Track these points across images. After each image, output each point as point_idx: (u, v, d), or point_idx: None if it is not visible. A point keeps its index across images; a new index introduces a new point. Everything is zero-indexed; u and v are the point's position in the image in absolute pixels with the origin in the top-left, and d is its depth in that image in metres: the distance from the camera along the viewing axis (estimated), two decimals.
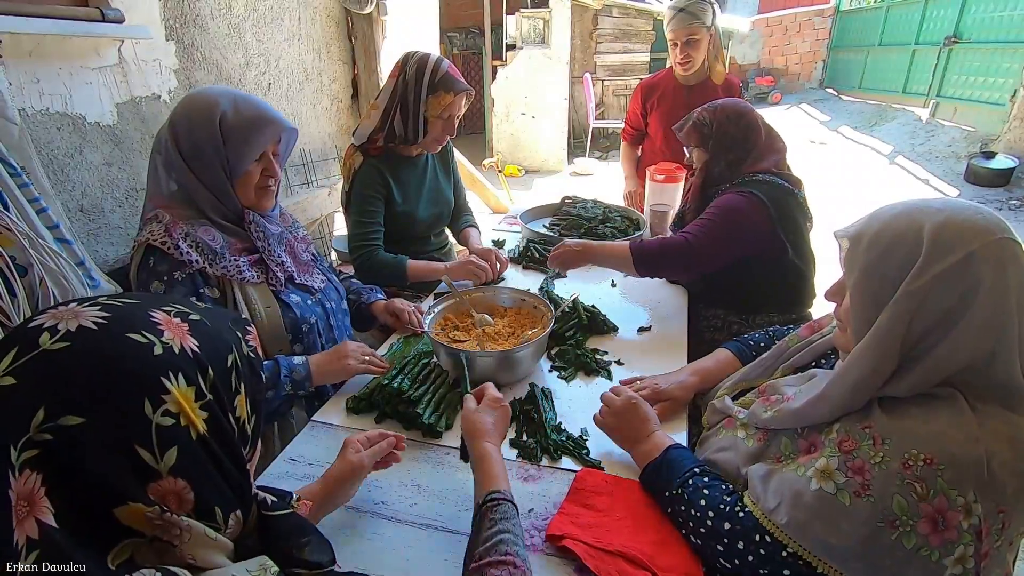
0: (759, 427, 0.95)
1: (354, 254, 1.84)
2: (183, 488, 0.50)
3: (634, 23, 8.32)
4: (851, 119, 8.93)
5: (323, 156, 3.25)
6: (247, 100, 1.24)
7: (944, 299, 0.74)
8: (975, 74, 7.03)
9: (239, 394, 0.58)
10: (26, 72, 1.65)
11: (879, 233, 0.80)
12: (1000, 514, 0.70)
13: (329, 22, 3.18)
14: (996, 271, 0.73)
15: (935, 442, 0.72)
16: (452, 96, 1.75)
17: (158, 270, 1.18)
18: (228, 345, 0.58)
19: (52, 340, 0.49)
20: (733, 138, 1.62)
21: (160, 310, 0.56)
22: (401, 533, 0.96)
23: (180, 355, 0.52)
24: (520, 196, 5.91)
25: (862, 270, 0.80)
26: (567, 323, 1.54)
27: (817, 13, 10.52)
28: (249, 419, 0.60)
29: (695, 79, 2.49)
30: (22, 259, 1.22)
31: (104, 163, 1.92)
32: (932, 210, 0.77)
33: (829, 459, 0.79)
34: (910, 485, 0.71)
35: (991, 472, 0.70)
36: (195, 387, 0.52)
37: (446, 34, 9.12)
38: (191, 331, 0.55)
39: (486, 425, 0.94)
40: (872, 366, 0.78)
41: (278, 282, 1.32)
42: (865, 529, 0.72)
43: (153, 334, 0.52)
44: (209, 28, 2.32)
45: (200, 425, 0.52)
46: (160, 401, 0.50)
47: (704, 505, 0.88)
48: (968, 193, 5.78)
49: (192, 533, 0.50)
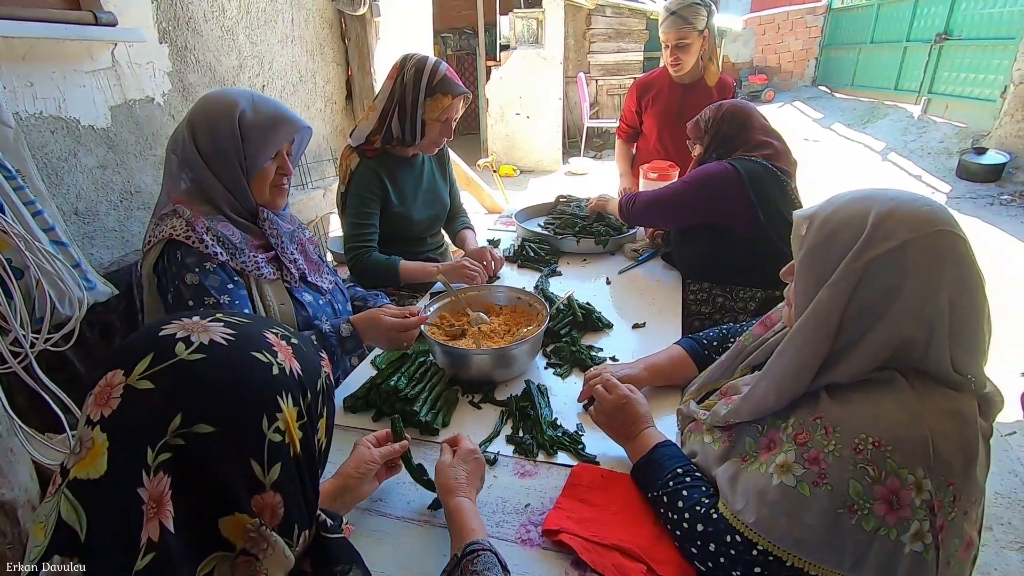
0: (720, 426, 0.96)
1: (348, 255, 1.84)
2: (278, 503, 0.53)
3: (627, 22, 8.34)
4: (844, 116, 8.97)
5: (318, 158, 3.26)
6: (265, 100, 1.27)
7: (878, 282, 0.76)
8: (966, 71, 7.08)
9: (323, 417, 0.60)
10: (20, 76, 1.65)
11: (830, 216, 0.82)
12: (950, 487, 0.73)
13: (322, 24, 3.18)
14: (930, 262, 0.74)
15: (882, 425, 0.75)
16: (450, 99, 1.75)
17: (187, 262, 1.19)
18: (319, 369, 0.62)
19: (188, 351, 0.52)
20: (726, 134, 1.75)
21: (271, 331, 0.59)
22: (398, 529, 0.96)
23: (290, 376, 0.56)
24: (515, 196, 5.92)
25: (808, 249, 0.83)
26: (562, 320, 1.55)
27: (809, 11, 10.57)
28: (326, 441, 0.62)
29: (689, 78, 2.50)
30: (18, 261, 1.22)
31: (98, 166, 1.92)
32: (884, 198, 0.80)
33: (787, 453, 0.80)
34: (863, 469, 0.74)
35: (936, 449, 0.72)
36: (299, 407, 0.56)
37: (440, 35, 9.12)
38: (295, 354, 0.59)
39: (460, 480, 0.92)
40: (810, 341, 0.81)
41: (292, 279, 1.33)
42: (827, 517, 0.74)
43: (271, 354, 0.56)
44: (202, 31, 2.32)
45: (298, 444, 0.55)
46: (274, 418, 0.53)
47: (681, 507, 0.89)
48: (960, 189, 5.83)
49: (275, 549, 0.52)
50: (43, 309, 1.25)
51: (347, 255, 1.85)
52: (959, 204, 5.51)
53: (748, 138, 1.74)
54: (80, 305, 1.32)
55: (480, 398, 1.30)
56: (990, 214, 5.25)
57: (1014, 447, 2.44)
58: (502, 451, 1.14)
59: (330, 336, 1.26)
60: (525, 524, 0.96)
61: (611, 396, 1.10)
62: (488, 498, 1.02)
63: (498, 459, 1.11)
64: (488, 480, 1.06)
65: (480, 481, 0.97)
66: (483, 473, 0.98)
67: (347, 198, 1.85)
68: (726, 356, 1.10)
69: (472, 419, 1.24)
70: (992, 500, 2.17)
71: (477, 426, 1.21)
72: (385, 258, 1.83)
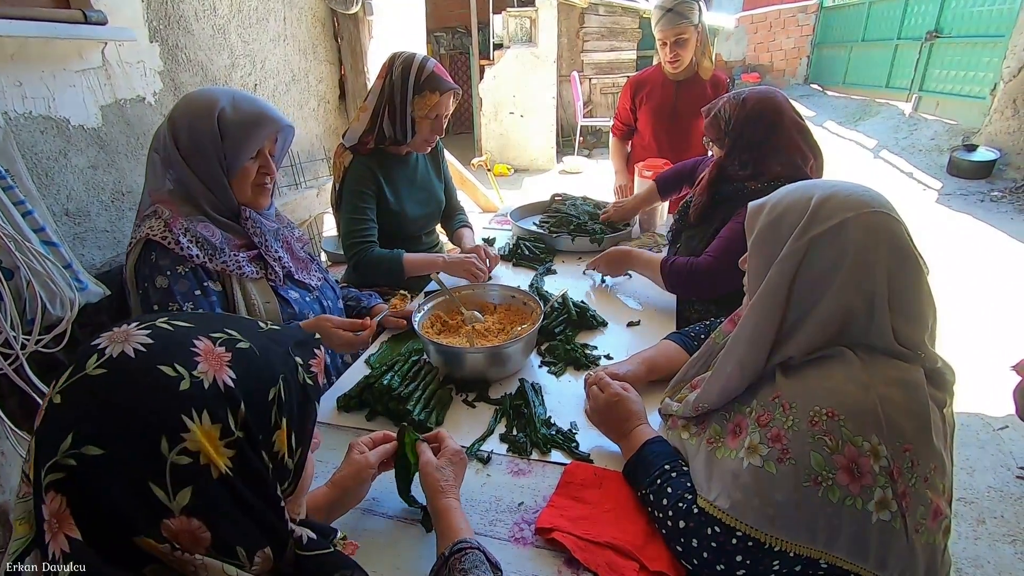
0: (694, 419, 0.99)
1: (348, 252, 1.83)
2: (198, 527, 0.49)
3: (620, 21, 8.35)
4: (836, 114, 9.01)
5: (311, 157, 3.24)
6: (246, 98, 1.25)
7: (821, 258, 0.83)
8: (956, 68, 7.12)
9: (279, 429, 0.56)
10: (8, 75, 1.63)
11: (777, 203, 0.90)
12: (906, 452, 0.76)
13: (315, 23, 3.16)
14: (867, 238, 0.81)
15: (833, 395, 0.79)
16: (438, 96, 1.75)
17: (160, 264, 1.19)
18: (274, 376, 0.56)
19: (95, 364, 0.50)
20: (750, 141, 1.50)
21: (207, 337, 0.54)
22: (392, 529, 0.96)
23: (209, 390, 0.51)
24: (510, 195, 5.92)
25: (758, 233, 0.90)
26: (556, 319, 1.56)
27: (801, 9, 10.60)
28: (293, 451, 0.58)
29: (683, 75, 2.51)
30: (8, 262, 1.21)
31: (89, 166, 1.91)
32: (826, 186, 0.88)
33: (752, 435, 0.84)
34: (820, 440, 0.77)
35: (887, 415, 0.76)
36: (221, 424, 0.51)
37: (433, 34, 9.10)
38: (232, 362, 0.54)
39: (448, 481, 0.91)
40: (764, 317, 0.86)
41: (277, 278, 1.33)
42: (795, 492, 0.77)
43: (186, 366, 0.51)
44: (193, 29, 2.31)
45: (223, 464, 0.50)
46: (178, 439, 0.48)
47: (666, 504, 0.90)
48: (951, 185, 5.86)
49: (209, 570, 0.49)
50: (34, 310, 1.24)
51: (347, 252, 1.84)
52: (950, 201, 5.55)
53: (778, 144, 1.47)
54: (71, 306, 1.31)
55: (474, 397, 1.29)
56: (981, 211, 5.28)
57: (1006, 441, 2.46)
58: (496, 449, 1.14)
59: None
60: (518, 522, 0.96)
61: (603, 395, 1.10)
62: (481, 496, 1.02)
63: (492, 458, 1.11)
64: (481, 479, 1.07)
65: (462, 479, 0.95)
66: (465, 470, 0.97)
67: (342, 195, 1.85)
68: (699, 354, 1.12)
69: (466, 418, 1.24)
70: (985, 494, 2.19)
71: (471, 425, 1.21)
72: (387, 252, 1.81)
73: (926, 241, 4.72)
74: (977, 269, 4.19)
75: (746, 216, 0.94)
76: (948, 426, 0.84)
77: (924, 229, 4.95)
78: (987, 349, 3.09)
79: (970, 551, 1.95)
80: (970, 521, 2.07)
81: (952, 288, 3.79)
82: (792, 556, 0.77)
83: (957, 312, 3.45)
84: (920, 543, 0.75)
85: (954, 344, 3.05)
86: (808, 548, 0.76)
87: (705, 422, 0.96)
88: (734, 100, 1.52)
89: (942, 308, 0.86)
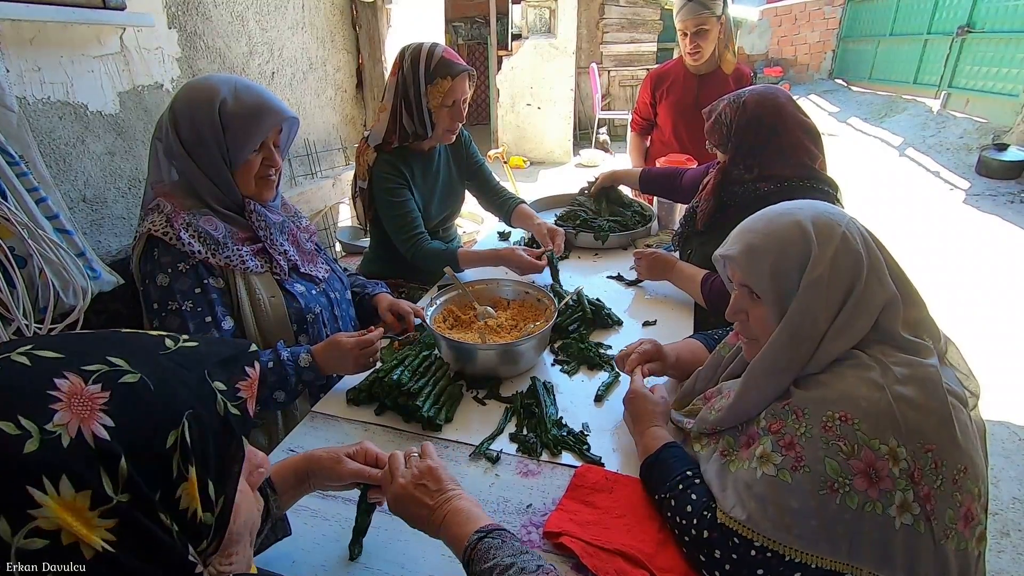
0: (707, 432, 0.97)
1: (403, 248, 1.81)
2: None
3: (641, 12, 8.23)
4: (861, 110, 8.81)
5: (327, 146, 3.23)
6: (248, 88, 1.22)
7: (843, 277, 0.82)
8: (988, 64, 6.90)
9: (184, 480, 0.45)
10: (27, 60, 1.63)
11: (765, 240, 0.87)
12: (928, 452, 0.73)
13: (333, 10, 3.15)
14: (867, 242, 0.85)
15: (845, 399, 0.77)
16: (451, 80, 1.69)
17: (162, 262, 1.18)
18: (175, 415, 0.45)
19: None
20: (752, 146, 1.47)
21: (77, 372, 0.43)
22: (398, 526, 0.94)
23: (70, 448, 0.40)
24: (525, 188, 5.88)
25: (769, 274, 0.86)
26: (571, 316, 1.53)
27: (827, 2, 10.35)
28: (212, 503, 0.48)
29: (705, 68, 2.45)
30: (21, 250, 1.21)
31: (107, 152, 1.91)
32: (793, 209, 0.88)
33: (765, 444, 0.82)
34: (835, 445, 0.75)
35: (903, 414, 0.74)
36: (91, 490, 0.40)
37: (451, 24, 9.05)
38: (110, 403, 0.42)
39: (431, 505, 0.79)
40: (793, 352, 0.83)
41: (282, 271, 1.31)
42: (811, 499, 0.74)
43: (35, 420, 0.39)
44: (212, 16, 2.30)
45: (97, 540, 0.39)
46: (25, 518, 0.37)
47: (691, 512, 0.87)
48: (979, 186, 5.70)
49: None
50: (46, 299, 1.24)
51: (402, 248, 1.82)
52: (978, 202, 5.40)
53: (782, 145, 1.44)
54: (84, 295, 1.31)
55: (485, 394, 1.28)
56: (1010, 212, 5.13)
57: None
58: (505, 449, 1.12)
59: (287, 364, 1.20)
60: (526, 525, 0.94)
61: (631, 386, 1.12)
62: (489, 497, 1.00)
63: (501, 457, 1.09)
64: (490, 478, 1.05)
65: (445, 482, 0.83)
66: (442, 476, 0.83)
67: (373, 195, 1.82)
68: (706, 367, 1.11)
69: (476, 415, 1.22)
70: (1009, 505, 2.13)
71: (481, 423, 1.19)
72: (442, 246, 1.81)
73: (951, 242, 4.60)
74: (1005, 273, 4.07)
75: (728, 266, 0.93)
76: (977, 426, 0.81)
77: (950, 230, 4.83)
78: (1015, 356, 3.00)
79: (993, 564, 1.90)
80: (993, 533, 2.01)
81: (978, 293, 3.68)
82: (815, 569, 0.75)
83: (983, 318, 3.35)
84: (951, 549, 0.72)
85: (980, 350, 2.96)
86: (831, 560, 0.74)
87: (718, 434, 0.95)
88: (733, 104, 1.48)
89: (967, 313, 0.84)
